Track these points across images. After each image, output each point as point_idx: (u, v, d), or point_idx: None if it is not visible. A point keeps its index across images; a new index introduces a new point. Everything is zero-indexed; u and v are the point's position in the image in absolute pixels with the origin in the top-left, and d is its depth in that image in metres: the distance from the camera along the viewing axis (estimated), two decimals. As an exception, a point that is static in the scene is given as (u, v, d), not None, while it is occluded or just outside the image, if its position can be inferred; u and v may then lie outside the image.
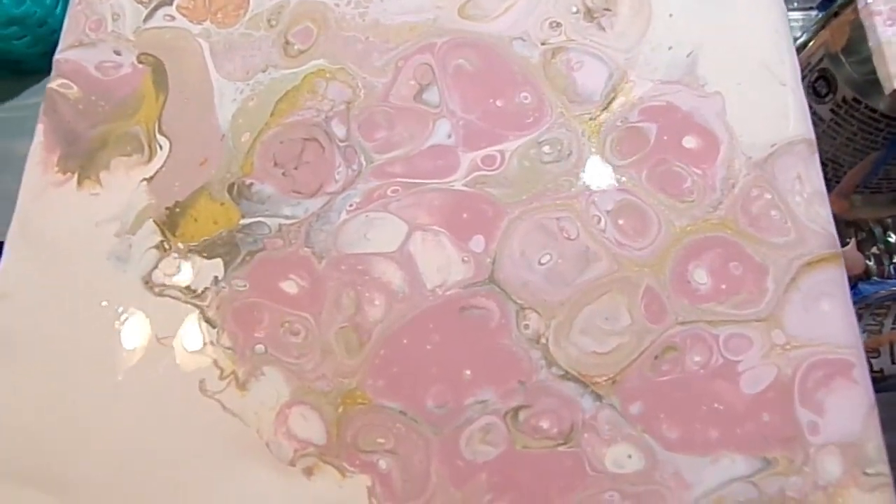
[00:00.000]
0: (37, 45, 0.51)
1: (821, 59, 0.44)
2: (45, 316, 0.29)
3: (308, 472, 0.26)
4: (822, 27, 0.45)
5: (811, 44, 0.45)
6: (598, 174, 0.30)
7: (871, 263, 0.48)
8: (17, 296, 0.29)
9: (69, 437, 0.27)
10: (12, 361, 0.28)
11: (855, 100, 0.42)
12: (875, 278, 0.48)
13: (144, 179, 0.31)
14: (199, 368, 0.27)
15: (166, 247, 0.30)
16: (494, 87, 0.32)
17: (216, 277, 0.29)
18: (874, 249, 0.48)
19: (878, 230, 0.48)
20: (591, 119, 0.31)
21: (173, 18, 0.34)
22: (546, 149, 0.31)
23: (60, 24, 0.51)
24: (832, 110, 0.44)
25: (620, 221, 0.29)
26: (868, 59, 0.41)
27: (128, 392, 0.27)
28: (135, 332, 0.28)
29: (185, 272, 0.29)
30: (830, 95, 0.44)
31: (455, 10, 0.34)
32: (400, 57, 0.33)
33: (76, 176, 0.31)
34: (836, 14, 0.43)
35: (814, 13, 0.55)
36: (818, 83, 0.44)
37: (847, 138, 0.44)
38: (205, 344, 0.28)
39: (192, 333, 0.28)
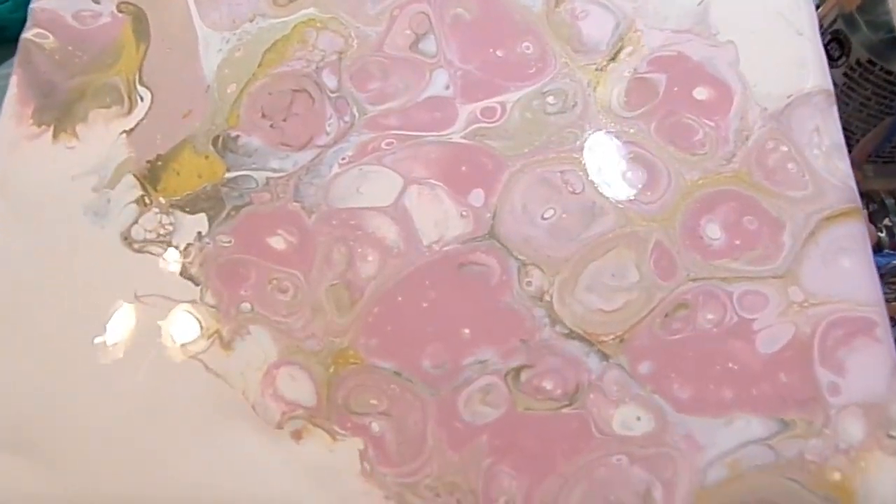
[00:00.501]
0: (19, 9, 0.49)
1: (833, 21, 0.42)
2: (19, 274, 0.27)
3: (296, 435, 0.24)
4: (836, -14, 0.43)
5: (823, 5, 0.44)
6: (604, 126, 0.28)
7: (882, 235, 0.46)
8: (-11, 254, 0.28)
9: (45, 401, 0.25)
10: (-17, 322, 0.27)
11: (870, 62, 0.41)
12: (887, 251, 0.46)
13: (124, 132, 0.29)
14: (182, 328, 0.26)
15: (147, 201, 0.28)
16: (495, 36, 0.30)
17: (200, 233, 0.27)
18: (886, 221, 0.47)
19: (890, 202, 0.47)
20: (597, 69, 0.29)
21: (156, -30, 0.32)
22: (550, 100, 0.29)
23: None
24: (845, 74, 0.42)
25: (628, 175, 0.28)
26: (886, 20, 0.39)
27: (105, 352, 0.26)
28: (113, 289, 0.26)
29: (167, 227, 0.27)
30: (843, 59, 0.42)
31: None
32: (395, 5, 0.31)
33: (52, 129, 0.29)
34: (850, -29, 0.42)
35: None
36: (830, 46, 0.43)
37: (860, 103, 0.43)
38: (187, 302, 0.26)
39: (173, 291, 0.26)
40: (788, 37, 0.30)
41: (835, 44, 0.42)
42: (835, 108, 0.28)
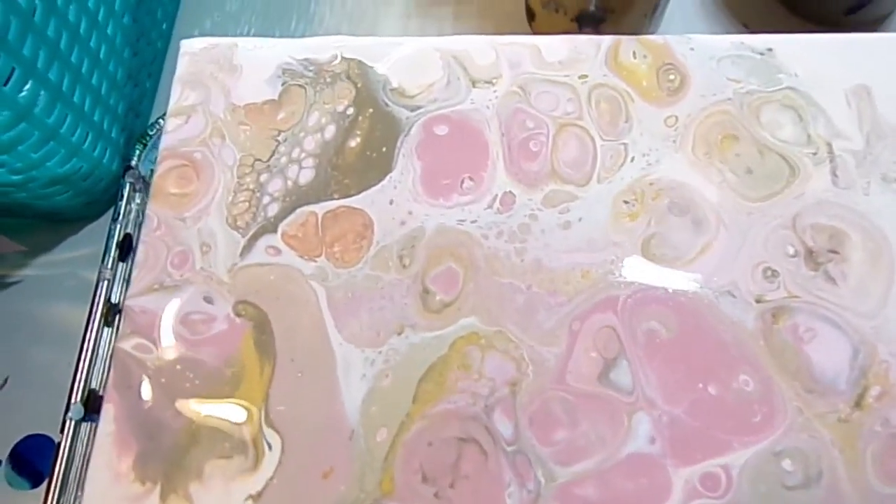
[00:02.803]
0: (79, 196, 0.44)
1: None
2: None
3: None
4: None
5: None
6: (862, 501, 0.23)
7: None
8: None
9: None
10: None
11: None
12: None
13: (250, 497, 0.23)
14: None
15: None
16: (702, 364, 0.25)
17: None
18: None
19: None
20: (839, 420, 0.24)
21: (278, 252, 0.27)
22: (786, 464, 0.23)
23: (107, 175, 0.45)
24: None
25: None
26: None
27: None
28: None
29: None
30: None
31: (637, 248, 0.26)
32: (574, 316, 0.25)
33: (158, 488, 0.23)
34: None
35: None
36: None
37: None
38: None
39: None
40: None
41: None
42: None
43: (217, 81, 0.30)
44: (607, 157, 0.28)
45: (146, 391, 0.25)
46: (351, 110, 0.30)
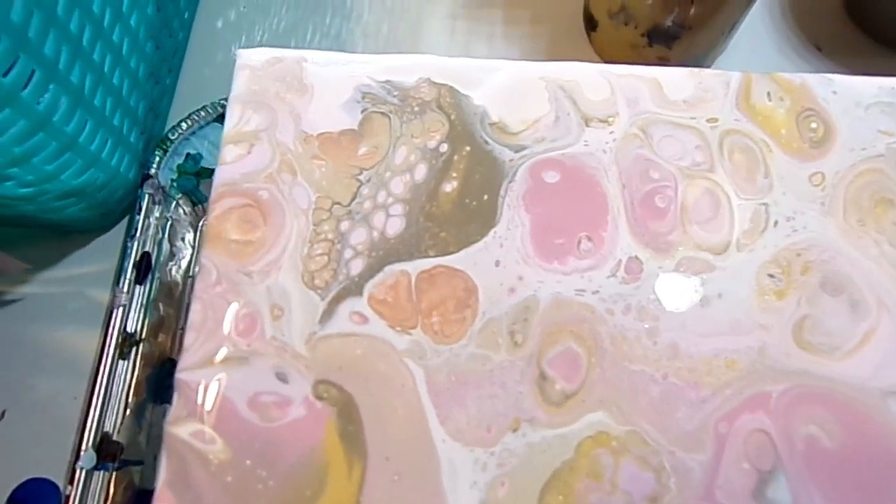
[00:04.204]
0: (92, 209, 0.39)
1: None
2: None
3: None
4: None
5: None
6: None
7: None
8: None
9: None
10: None
11: None
12: None
13: None
14: None
15: None
16: (873, 481, 0.21)
17: None
18: None
19: None
20: None
21: (365, 320, 0.22)
22: None
23: (124, 185, 0.40)
24: None
25: None
26: None
27: None
28: None
29: None
30: None
31: (788, 333, 0.23)
32: (720, 416, 0.21)
33: None
34: None
35: None
36: None
37: None
38: None
39: None
40: None
41: None
42: None
43: (285, 104, 0.26)
44: (746, 220, 0.24)
45: (209, 493, 0.20)
46: (445, 147, 0.25)
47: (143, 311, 0.38)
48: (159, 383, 0.39)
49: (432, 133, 0.25)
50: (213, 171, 0.41)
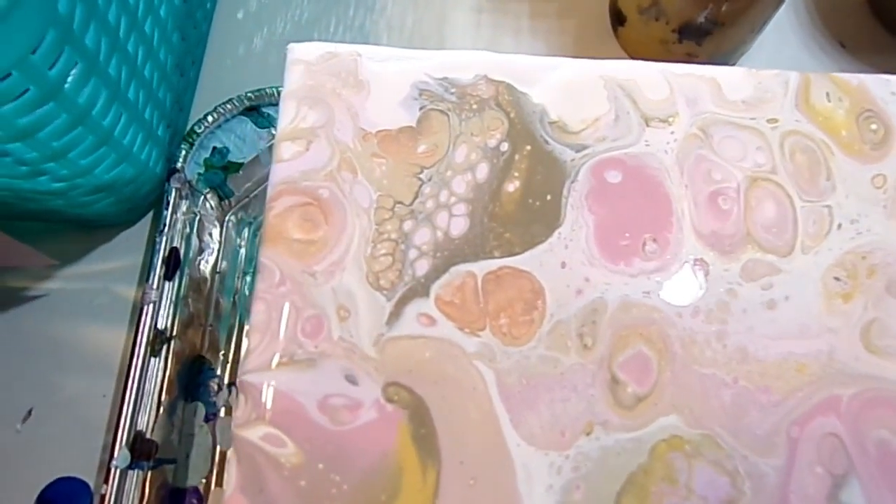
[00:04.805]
0: (120, 203, 0.38)
1: None
2: None
3: None
4: None
5: None
6: None
7: None
8: None
9: None
10: None
11: None
12: None
13: None
14: None
15: None
16: (944, 484, 0.21)
17: None
18: None
19: None
20: None
21: (433, 321, 0.22)
22: None
23: (151, 179, 0.39)
24: None
25: None
26: None
27: None
28: None
29: None
30: None
31: (856, 336, 0.23)
32: (792, 420, 0.21)
33: None
34: None
35: None
36: None
37: None
38: None
39: None
40: None
41: None
42: None
43: (341, 100, 0.25)
44: (810, 223, 0.24)
45: (282, 498, 0.20)
46: (505, 146, 0.25)
47: (172, 307, 0.37)
48: (190, 381, 0.38)
49: (492, 131, 0.25)
50: (240, 165, 0.41)
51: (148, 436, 0.35)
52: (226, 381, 0.38)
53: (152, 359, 0.37)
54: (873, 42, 0.48)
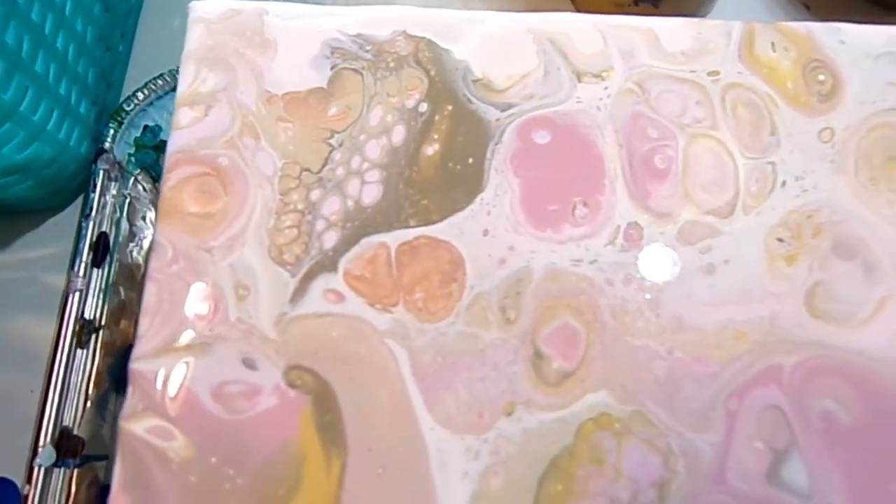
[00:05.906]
0: (41, 186, 0.36)
1: None
2: None
3: None
4: None
5: None
6: None
7: None
8: None
9: None
10: None
11: None
12: None
13: None
14: None
15: None
16: (893, 456, 0.20)
17: None
18: None
19: None
20: None
21: (341, 298, 0.20)
22: None
23: (75, 160, 0.36)
24: None
25: None
26: None
27: None
28: None
29: None
30: None
31: (800, 301, 0.21)
32: (730, 392, 0.20)
33: None
34: None
35: None
36: None
37: None
38: None
39: None
40: None
41: None
42: None
43: (245, 61, 0.23)
44: (752, 181, 0.22)
45: (170, 495, 0.18)
46: (424, 106, 0.23)
47: (101, 295, 0.35)
48: (122, 373, 0.36)
49: (410, 91, 0.23)
50: (173, 143, 0.39)
51: (75, 432, 0.33)
52: (158, 370, 0.36)
53: (79, 350, 0.34)
54: (838, 2, 0.46)
